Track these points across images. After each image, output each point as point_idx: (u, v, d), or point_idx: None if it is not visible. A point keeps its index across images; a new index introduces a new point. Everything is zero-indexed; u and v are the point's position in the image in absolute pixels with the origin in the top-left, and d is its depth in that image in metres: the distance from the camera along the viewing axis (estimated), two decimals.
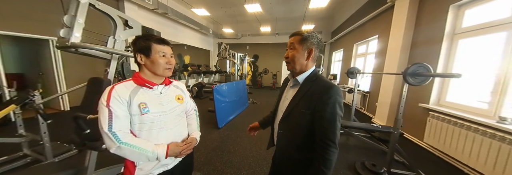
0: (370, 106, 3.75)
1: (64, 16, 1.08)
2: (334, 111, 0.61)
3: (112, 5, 4.04)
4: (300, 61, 0.68)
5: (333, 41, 7.03)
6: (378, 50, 3.54)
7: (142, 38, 0.67)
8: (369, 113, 3.74)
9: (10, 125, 2.54)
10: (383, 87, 3.11)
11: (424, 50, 2.33)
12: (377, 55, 3.55)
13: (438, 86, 2.08)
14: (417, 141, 2.29)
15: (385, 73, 2.48)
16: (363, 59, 4.47)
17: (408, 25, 2.54)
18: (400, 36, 2.61)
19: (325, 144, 0.60)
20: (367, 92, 3.86)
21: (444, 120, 1.86)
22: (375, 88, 3.52)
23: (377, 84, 3.41)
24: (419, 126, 2.23)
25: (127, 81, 0.68)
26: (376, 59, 3.62)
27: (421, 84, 1.42)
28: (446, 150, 1.84)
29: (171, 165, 0.75)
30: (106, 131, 0.58)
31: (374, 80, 3.67)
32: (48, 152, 1.66)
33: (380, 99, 3.16)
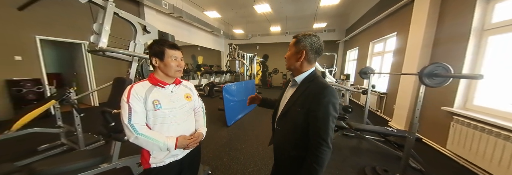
0: (387, 109, 3.52)
1: (93, 24, 1.24)
2: (327, 111, 0.62)
3: (133, 10, 4.42)
4: (292, 62, 0.73)
5: (347, 39, 6.73)
6: (397, 48, 3.31)
7: (157, 43, 0.76)
8: (386, 116, 3.52)
9: (50, 118, 2.95)
10: (402, 88, 2.91)
11: (448, 49, 2.13)
12: (396, 54, 3.33)
13: (464, 88, 1.89)
14: (439, 147, 2.10)
15: (400, 73, 2.32)
16: (379, 58, 4.21)
17: (429, 21, 2.34)
18: (421, 33, 2.42)
19: (317, 143, 0.62)
20: (384, 93, 3.63)
21: (470, 126, 1.69)
22: (393, 89, 3.30)
23: (395, 85, 3.20)
24: (442, 132, 2.05)
25: (143, 81, 0.78)
26: (394, 58, 3.39)
27: (439, 85, 1.31)
28: (471, 158, 1.67)
29: (180, 156, 0.83)
30: (126, 123, 0.69)
31: (392, 80, 3.45)
32: (81, 141, 1.92)
33: (398, 101, 2.97)
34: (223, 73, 6.14)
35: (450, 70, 1.23)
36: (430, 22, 2.34)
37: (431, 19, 2.34)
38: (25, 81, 2.88)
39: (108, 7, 1.23)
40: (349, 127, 2.17)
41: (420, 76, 1.32)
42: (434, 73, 1.27)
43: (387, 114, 3.49)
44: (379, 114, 3.79)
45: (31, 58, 3.00)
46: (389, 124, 3.12)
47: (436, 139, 2.16)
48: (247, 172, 1.61)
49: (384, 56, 4.01)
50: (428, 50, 2.41)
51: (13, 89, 2.78)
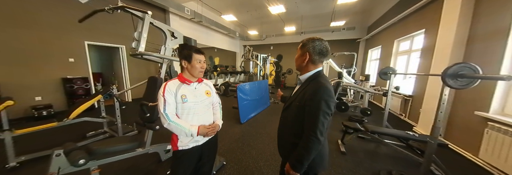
0: (412, 113, 3.25)
1: (134, 32, 1.50)
2: (318, 106, 0.69)
3: (161, 17, 4.92)
4: (298, 63, 0.83)
5: (369, 37, 6.31)
6: (425, 47, 3.03)
7: (186, 48, 0.93)
8: (411, 120, 3.24)
9: (95, 110, 3.51)
10: (429, 90, 2.66)
11: (484, 47, 1.90)
12: (424, 53, 3.05)
13: (503, 91, 1.67)
14: (471, 156, 1.90)
15: (422, 74, 2.15)
16: (405, 57, 3.88)
17: (462, 17, 2.11)
18: (452, 30, 2.20)
19: (307, 133, 0.71)
20: (410, 96, 3.34)
21: (507, 133, 1.50)
22: (420, 91, 3.03)
23: (422, 87, 2.94)
24: (474, 139, 1.85)
25: (174, 79, 0.95)
26: (421, 57, 3.11)
27: (465, 87, 1.22)
28: (508, 169, 1.49)
29: (201, 142, 0.99)
30: (162, 112, 0.87)
31: (419, 82, 3.16)
32: (120, 130, 2.29)
33: (425, 105, 2.73)
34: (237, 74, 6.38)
35: (478, 70, 1.14)
36: (463, 17, 2.11)
37: (464, 14, 2.10)
38: (76, 79, 3.48)
39: (146, 18, 1.47)
40: (364, 129, 2.11)
41: (443, 77, 1.24)
42: (459, 74, 1.18)
43: (413, 119, 3.22)
44: (403, 119, 3.50)
45: (81, 60, 3.61)
46: (413, 129, 2.89)
47: (467, 146, 1.96)
48: (258, 166, 1.72)
49: (411, 55, 3.68)
50: (460, 49, 2.17)
51: (67, 85, 3.38)
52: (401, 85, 3.69)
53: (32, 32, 2.97)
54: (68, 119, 1.96)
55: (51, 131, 1.99)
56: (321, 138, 0.70)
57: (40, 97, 3.14)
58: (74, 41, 3.48)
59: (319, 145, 0.71)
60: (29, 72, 2.99)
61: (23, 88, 2.94)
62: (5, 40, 2.74)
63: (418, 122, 2.88)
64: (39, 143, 2.09)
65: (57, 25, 3.21)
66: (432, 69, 2.56)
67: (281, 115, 0.92)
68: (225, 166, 1.71)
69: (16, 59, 2.85)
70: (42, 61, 3.11)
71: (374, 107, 4.50)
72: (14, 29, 2.80)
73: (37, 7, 2.98)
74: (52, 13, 3.13)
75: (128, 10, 1.35)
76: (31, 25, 2.95)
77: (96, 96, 2.27)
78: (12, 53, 2.81)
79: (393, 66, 4.35)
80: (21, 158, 1.64)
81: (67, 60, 3.43)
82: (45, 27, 3.09)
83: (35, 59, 3.03)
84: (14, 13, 2.78)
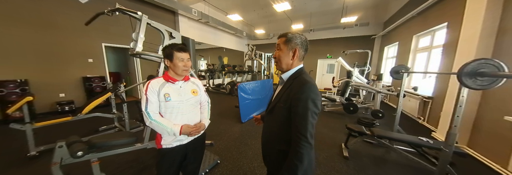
0: (432, 116, 2.91)
1: (132, 33, 1.57)
2: (306, 106, 0.63)
3: (171, 19, 5.15)
4: (286, 60, 0.73)
5: (385, 33, 5.83)
6: (447, 42, 2.69)
7: (168, 47, 0.92)
8: (431, 125, 2.91)
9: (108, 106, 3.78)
10: (451, 91, 2.36)
11: None
12: (446, 49, 2.71)
13: None
14: (498, 168, 1.63)
15: (438, 72, 1.90)
16: (425, 54, 3.50)
17: (491, 5, 1.81)
18: (478, 21, 1.90)
19: (297, 138, 0.63)
20: (429, 97, 3.01)
21: None
22: (441, 92, 2.71)
23: (443, 88, 2.62)
24: (503, 148, 1.58)
25: (159, 77, 0.94)
26: (444, 54, 2.77)
27: (486, 88, 1.04)
28: None
29: (185, 141, 0.98)
30: (144, 111, 0.88)
31: (440, 82, 2.83)
32: (127, 125, 2.45)
33: (446, 107, 2.43)
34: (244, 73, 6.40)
35: (503, 68, 0.96)
36: (492, 6, 1.81)
37: (493, 2, 1.80)
38: (94, 78, 3.80)
39: (143, 19, 1.53)
40: (370, 133, 1.95)
41: (459, 75, 1.07)
42: (478, 72, 1.01)
43: (432, 123, 2.90)
44: (421, 123, 3.17)
45: (98, 60, 3.93)
46: (432, 134, 2.59)
47: (495, 156, 1.68)
48: (252, 167, 1.69)
49: (432, 51, 3.31)
50: (488, 44, 1.88)
51: (86, 84, 3.71)
52: (420, 85, 3.35)
53: (56, 35, 3.30)
54: (81, 114, 2.14)
55: (69, 125, 2.21)
56: (312, 142, 0.63)
57: (63, 94, 3.49)
58: (93, 43, 3.80)
59: (312, 150, 0.64)
60: (54, 72, 3.34)
61: (49, 85, 3.30)
62: (35, 43, 3.09)
63: (437, 127, 2.57)
64: (57, 135, 2.32)
65: (78, 29, 3.53)
66: (455, 66, 2.27)
67: (264, 120, 0.84)
68: (219, 164, 1.71)
69: (44, 60, 3.20)
70: (65, 62, 3.46)
71: (389, 109, 4.15)
72: (41, 33, 3.14)
73: (58, 11, 3.30)
74: (72, 17, 3.44)
75: (125, 12, 1.42)
76: (55, 28, 3.28)
77: (106, 93, 2.45)
78: (40, 54, 3.16)
79: (411, 64, 3.96)
80: (40, 148, 1.83)
81: (86, 61, 3.77)
82: (68, 31, 3.41)
83: (59, 60, 3.38)
84: (41, 18, 3.13)
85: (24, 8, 2.94)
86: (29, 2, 2.97)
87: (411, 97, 3.47)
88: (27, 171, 1.58)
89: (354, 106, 3.43)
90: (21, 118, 2.54)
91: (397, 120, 2.28)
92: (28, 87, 2.98)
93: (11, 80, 2.83)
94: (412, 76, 3.96)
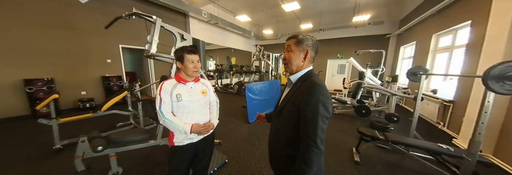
0: (453, 122, 2.72)
1: (147, 35, 1.65)
2: (316, 110, 0.61)
3: (182, 21, 5.32)
4: (297, 62, 0.72)
5: (401, 32, 5.54)
6: (471, 42, 2.50)
7: (179, 50, 0.97)
8: (451, 131, 2.71)
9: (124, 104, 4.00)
10: (475, 95, 2.19)
11: None
12: (470, 49, 2.52)
13: None
14: None
15: (460, 75, 1.77)
16: (446, 54, 3.28)
17: None
18: (507, 19, 1.74)
19: (306, 143, 0.61)
20: (450, 101, 2.80)
21: None
22: (463, 96, 2.52)
23: (466, 91, 2.44)
24: None
25: (171, 79, 1.00)
26: (467, 55, 2.57)
27: None
28: None
29: (195, 140, 1.01)
30: (158, 110, 0.93)
31: (462, 84, 2.63)
32: (141, 123, 2.58)
33: (470, 112, 2.26)
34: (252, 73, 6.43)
35: None
36: None
37: None
38: (112, 77, 4.03)
39: (157, 23, 1.60)
40: (384, 138, 1.86)
41: (485, 79, 0.99)
42: (507, 75, 0.93)
43: (453, 129, 2.70)
44: (440, 128, 2.96)
45: (116, 61, 4.16)
46: (452, 141, 2.42)
47: None
48: (259, 167, 1.69)
49: (453, 52, 3.08)
50: None
51: (105, 82, 3.95)
52: (440, 87, 3.13)
53: (78, 37, 3.55)
54: (101, 111, 2.30)
55: (89, 121, 2.37)
56: (322, 148, 0.61)
57: (84, 92, 3.76)
58: (111, 44, 4.04)
59: (321, 156, 0.62)
60: (77, 71, 3.60)
61: (72, 84, 3.56)
62: (60, 45, 3.34)
63: (459, 133, 2.39)
64: (79, 130, 2.50)
65: (98, 31, 3.77)
66: (480, 69, 2.09)
67: (272, 123, 0.83)
68: (227, 163, 1.74)
69: (67, 60, 3.46)
70: (86, 62, 3.71)
71: (404, 113, 3.94)
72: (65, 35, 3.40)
73: (80, 15, 3.54)
74: (92, 20, 3.68)
75: (141, 16, 1.49)
76: (77, 31, 3.53)
77: (122, 92, 2.59)
78: (64, 55, 3.41)
79: (430, 65, 3.72)
80: (64, 142, 1.99)
81: (105, 61, 4.01)
82: (89, 33, 3.66)
83: (81, 60, 3.63)
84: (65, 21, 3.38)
85: (51, 13, 3.20)
86: (56, 7, 3.23)
87: (430, 101, 3.26)
88: (52, 162, 1.72)
89: (367, 109, 3.30)
90: (47, 114, 2.78)
91: (414, 125, 2.15)
92: (54, 85, 3.25)
93: (39, 78, 3.09)
94: (431, 78, 3.72)
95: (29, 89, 2.99)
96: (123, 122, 2.79)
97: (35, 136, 2.33)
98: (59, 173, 1.54)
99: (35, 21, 3.03)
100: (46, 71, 3.22)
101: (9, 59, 2.86)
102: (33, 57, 3.08)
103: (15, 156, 1.83)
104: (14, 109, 2.95)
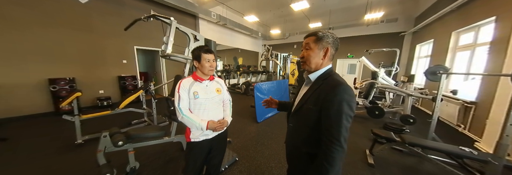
0: (475, 124, 2.55)
1: (163, 37, 1.72)
2: (340, 109, 0.60)
3: (192, 22, 5.45)
4: (316, 60, 0.70)
5: (416, 30, 5.28)
6: (496, 39, 2.33)
7: (196, 49, 1.00)
8: (473, 134, 2.54)
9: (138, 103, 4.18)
10: (500, 96, 2.04)
11: None
12: (494, 47, 2.35)
13: None
14: None
15: (485, 74, 1.65)
16: (468, 53, 3.07)
17: None
18: None
19: (329, 142, 0.61)
20: (472, 102, 2.63)
21: None
22: (487, 97, 2.36)
23: (490, 92, 2.28)
24: None
25: (189, 77, 1.04)
26: (491, 53, 2.40)
27: None
28: None
29: (210, 136, 1.05)
30: (177, 106, 0.97)
31: (486, 85, 2.45)
32: (155, 120, 2.69)
33: (494, 114, 2.10)
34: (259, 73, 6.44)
35: None
36: None
37: None
38: (127, 77, 4.23)
39: (173, 24, 1.66)
40: (400, 140, 1.78)
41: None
42: None
43: (475, 132, 2.53)
44: (461, 131, 2.78)
45: (131, 61, 4.36)
46: (475, 145, 2.26)
47: None
48: (269, 167, 1.69)
49: (475, 50, 2.89)
50: None
51: (121, 82, 4.15)
52: (460, 88, 2.94)
53: (96, 39, 3.76)
54: (119, 108, 2.42)
55: (107, 118, 2.51)
56: (345, 146, 0.60)
57: (102, 91, 3.97)
58: (127, 46, 4.24)
59: (344, 155, 0.61)
60: (96, 71, 3.81)
61: (91, 83, 3.78)
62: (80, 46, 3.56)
63: (482, 137, 2.24)
64: (98, 127, 2.65)
65: (115, 33, 3.97)
66: (506, 67, 1.94)
67: (289, 122, 0.81)
68: (237, 162, 1.76)
69: (87, 61, 3.68)
70: (104, 62, 3.92)
71: (420, 114, 3.75)
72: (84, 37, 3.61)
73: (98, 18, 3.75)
74: (109, 23, 3.88)
75: (158, 18, 1.56)
76: (96, 33, 3.74)
77: (138, 91, 2.71)
78: (84, 56, 3.63)
79: (450, 64, 3.51)
80: (86, 137, 2.12)
81: (121, 62, 4.22)
82: (107, 35, 3.87)
83: (99, 61, 3.85)
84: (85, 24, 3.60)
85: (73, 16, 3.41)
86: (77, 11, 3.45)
87: (449, 102, 3.08)
88: (74, 156, 1.84)
89: (380, 110, 3.18)
90: (70, 111, 2.98)
91: (433, 127, 2.04)
92: (75, 84, 3.47)
93: (62, 78, 3.32)
94: (451, 78, 3.51)
95: (53, 88, 3.22)
96: (137, 120, 2.92)
97: (58, 131, 2.50)
98: (80, 167, 1.64)
99: (58, 24, 3.26)
100: (68, 71, 3.44)
101: (36, 59, 3.09)
102: (57, 57, 3.31)
103: (42, 149, 1.97)
104: (39, 106, 3.18)
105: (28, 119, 3.02)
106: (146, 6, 4.37)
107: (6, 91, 2.85)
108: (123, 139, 1.37)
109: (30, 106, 3.09)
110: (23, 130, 2.55)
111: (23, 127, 2.66)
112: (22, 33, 2.93)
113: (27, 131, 2.52)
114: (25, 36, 2.96)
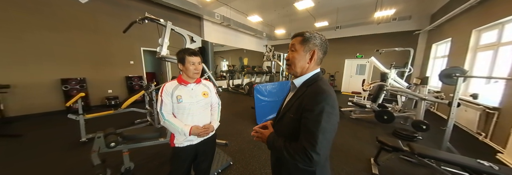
0: (498, 133, 2.30)
1: (159, 38, 1.73)
2: (317, 120, 0.54)
3: (197, 24, 5.54)
4: (301, 64, 0.64)
5: (432, 28, 4.90)
6: None
7: (181, 52, 0.97)
8: (495, 143, 2.29)
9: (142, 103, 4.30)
10: None
11: None
12: None
13: None
14: None
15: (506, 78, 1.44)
16: (490, 53, 2.78)
17: None
18: None
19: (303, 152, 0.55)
20: (495, 108, 2.37)
21: None
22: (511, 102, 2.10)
23: None
24: None
25: (173, 80, 1.02)
26: None
27: None
28: None
29: (195, 142, 1.02)
30: (158, 111, 0.95)
31: (511, 89, 2.19)
32: (156, 120, 2.71)
33: None
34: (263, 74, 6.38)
35: None
36: None
37: None
38: (134, 77, 4.37)
39: (167, 26, 1.66)
40: (409, 149, 1.62)
41: None
42: None
43: (498, 141, 2.27)
44: (481, 140, 2.51)
45: (138, 62, 4.50)
46: (497, 156, 2.02)
47: None
48: (264, 173, 1.63)
49: (499, 50, 2.60)
50: None
51: (128, 82, 4.30)
52: (481, 92, 2.66)
53: (105, 41, 3.92)
54: (121, 108, 2.49)
55: (112, 117, 2.59)
56: (317, 159, 0.52)
57: (111, 90, 4.14)
58: (134, 47, 4.39)
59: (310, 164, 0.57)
60: (105, 71, 3.98)
61: (101, 83, 3.95)
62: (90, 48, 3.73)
63: (505, 147, 1.99)
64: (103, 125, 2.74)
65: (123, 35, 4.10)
66: None
67: (274, 129, 0.78)
68: (231, 166, 1.72)
69: (97, 61, 3.84)
70: (113, 63, 4.09)
71: (436, 119, 3.48)
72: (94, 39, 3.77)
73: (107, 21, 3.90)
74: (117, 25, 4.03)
75: (152, 19, 1.56)
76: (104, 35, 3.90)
77: (140, 91, 2.77)
78: (94, 57, 3.80)
79: (469, 65, 3.21)
80: (89, 136, 2.19)
81: (128, 63, 4.37)
82: (115, 37, 4.02)
83: (108, 62, 4.01)
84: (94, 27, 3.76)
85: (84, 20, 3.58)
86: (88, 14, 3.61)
87: (469, 107, 2.80)
88: (77, 153, 1.91)
89: (389, 114, 2.97)
90: None
91: (448, 135, 1.85)
92: (85, 84, 3.64)
93: (73, 78, 3.49)
94: (470, 81, 3.20)
95: (65, 87, 3.40)
96: (140, 119, 2.99)
97: (67, 129, 2.62)
98: (82, 164, 1.69)
99: (71, 27, 3.43)
100: (79, 72, 3.62)
101: (50, 60, 3.28)
102: (69, 59, 3.49)
103: (50, 145, 2.08)
104: (52, 105, 3.37)
105: (41, 117, 3.21)
106: (152, 8, 4.49)
107: (22, 91, 3.06)
108: (117, 140, 1.38)
109: (43, 105, 3.28)
110: (36, 127, 2.71)
111: (36, 125, 2.83)
112: (38, 37, 3.13)
113: (39, 128, 2.67)
114: (42, 39, 3.16)
